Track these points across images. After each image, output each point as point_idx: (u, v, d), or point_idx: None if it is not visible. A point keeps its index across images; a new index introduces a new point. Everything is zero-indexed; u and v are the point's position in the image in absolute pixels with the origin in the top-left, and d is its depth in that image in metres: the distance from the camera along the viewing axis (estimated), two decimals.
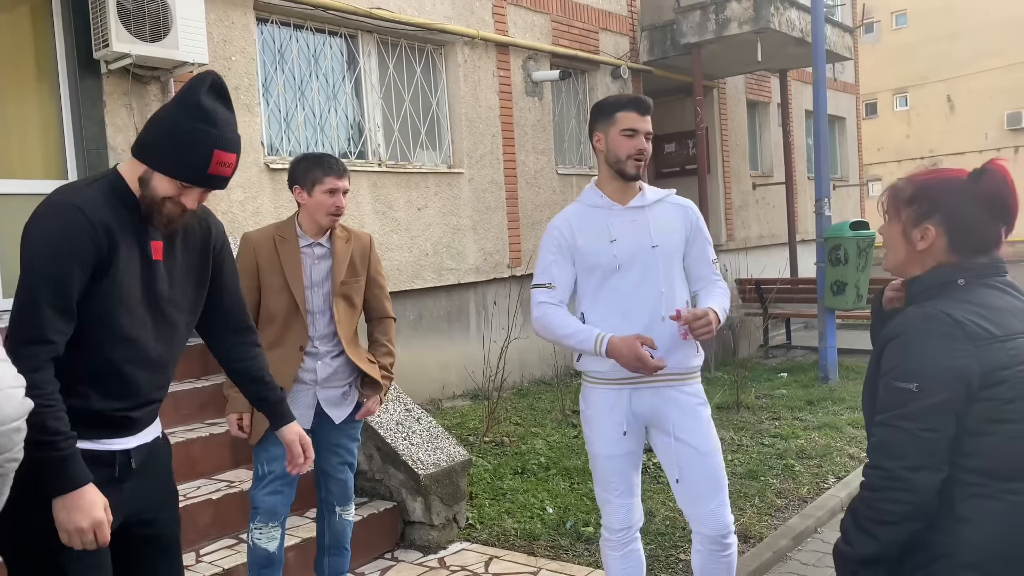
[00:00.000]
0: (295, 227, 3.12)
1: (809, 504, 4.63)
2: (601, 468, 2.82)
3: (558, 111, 9.24)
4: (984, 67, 24.74)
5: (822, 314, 7.96)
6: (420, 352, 7.42)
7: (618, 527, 2.84)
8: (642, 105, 2.75)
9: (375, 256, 3.28)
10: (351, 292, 3.15)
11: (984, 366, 1.58)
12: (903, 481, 1.59)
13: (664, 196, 2.86)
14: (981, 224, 1.70)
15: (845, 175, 16.22)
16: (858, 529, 1.66)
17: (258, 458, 3.04)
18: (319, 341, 3.09)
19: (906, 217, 1.76)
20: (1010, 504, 1.59)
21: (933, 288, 1.71)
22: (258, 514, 3.00)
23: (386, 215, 7.08)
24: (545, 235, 2.84)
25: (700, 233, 2.84)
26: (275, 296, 3.03)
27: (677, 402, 2.72)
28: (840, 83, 15.51)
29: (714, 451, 2.73)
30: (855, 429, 6.01)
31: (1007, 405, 1.59)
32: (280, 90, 6.56)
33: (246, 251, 3.07)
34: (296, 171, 3.10)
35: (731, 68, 11.31)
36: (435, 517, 3.94)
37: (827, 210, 7.86)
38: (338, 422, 3.15)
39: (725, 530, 2.73)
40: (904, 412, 1.60)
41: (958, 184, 1.72)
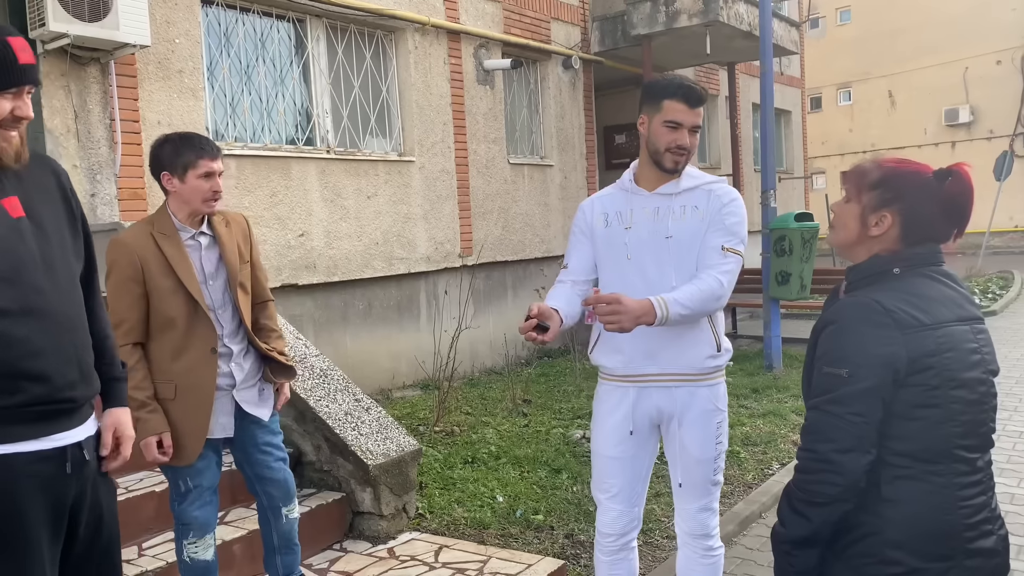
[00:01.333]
0: (171, 219, 2.83)
1: (754, 490, 4.72)
2: (596, 465, 2.74)
3: (510, 100, 9.22)
4: (924, 64, 25.41)
5: (767, 304, 8.11)
6: (370, 342, 7.37)
7: (607, 531, 2.74)
8: (692, 96, 2.52)
9: (254, 237, 3.09)
10: (244, 279, 2.95)
11: (911, 353, 1.63)
12: (832, 463, 1.64)
13: (702, 183, 2.61)
14: (936, 223, 1.74)
15: (790, 168, 16.54)
16: (792, 511, 1.71)
17: (178, 474, 2.83)
18: (228, 339, 2.89)
19: (867, 200, 1.77)
20: (933, 485, 1.65)
21: (870, 276, 1.75)
22: (191, 530, 2.83)
23: (335, 203, 6.99)
24: (575, 216, 2.78)
25: (718, 216, 2.55)
26: (169, 299, 2.75)
27: (687, 406, 2.59)
28: (786, 77, 15.79)
29: (711, 459, 2.62)
30: (799, 416, 6.15)
31: (933, 391, 1.64)
32: (226, 74, 6.41)
33: (124, 256, 2.74)
34: (162, 155, 2.79)
35: (680, 60, 11.42)
36: (384, 507, 3.92)
37: (773, 202, 8.00)
38: (267, 419, 3.00)
39: (702, 532, 2.68)
40: (834, 397, 1.66)
41: (924, 180, 1.74)
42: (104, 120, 5.50)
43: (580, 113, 10.13)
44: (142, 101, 5.68)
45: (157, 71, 5.77)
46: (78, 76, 5.36)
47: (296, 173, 6.67)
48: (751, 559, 3.97)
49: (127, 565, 3.21)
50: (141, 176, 5.66)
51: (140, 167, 5.66)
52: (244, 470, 3.07)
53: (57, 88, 5.26)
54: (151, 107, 5.73)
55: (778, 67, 14.79)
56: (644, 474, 2.73)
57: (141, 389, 2.72)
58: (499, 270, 8.93)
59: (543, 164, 9.54)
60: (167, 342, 2.78)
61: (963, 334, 1.69)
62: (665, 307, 2.38)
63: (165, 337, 2.78)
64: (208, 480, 2.87)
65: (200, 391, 2.80)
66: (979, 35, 24.39)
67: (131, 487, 3.62)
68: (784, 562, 1.74)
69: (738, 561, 3.94)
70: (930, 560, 1.63)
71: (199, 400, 2.80)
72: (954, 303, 1.72)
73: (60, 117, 5.28)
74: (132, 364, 2.71)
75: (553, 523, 4.18)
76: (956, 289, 1.75)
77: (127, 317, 2.73)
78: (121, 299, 2.74)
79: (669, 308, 2.38)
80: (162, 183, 2.82)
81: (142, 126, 5.67)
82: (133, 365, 2.71)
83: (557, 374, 8.01)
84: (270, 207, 6.42)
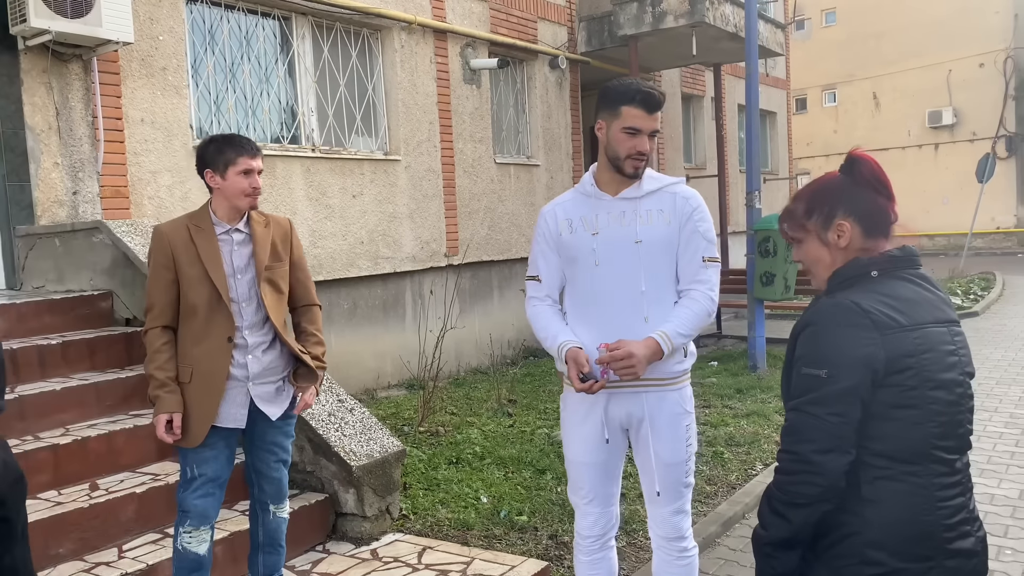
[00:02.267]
0: (210, 215, 2.97)
1: (737, 491, 4.74)
2: (572, 473, 2.76)
3: (496, 100, 9.21)
4: (908, 66, 25.60)
5: (751, 304, 8.14)
6: (355, 342, 7.34)
7: (587, 533, 2.77)
8: (651, 102, 2.52)
9: (297, 240, 3.17)
10: (276, 277, 3.03)
11: (889, 353, 1.64)
12: (813, 464, 1.65)
13: (665, 184, 2.63)
14: (876, 202, 1.78)
15: (775, 169, 16.63)
16: (772, 513, 1.72)
17: (187, 460, 2.90)
18: (247, 331, 2.96)
19: (814, 227, 1.82)
20: (911, 485, 1.66)
21: (848, 279, 1.76)
22: (188, 517, 2.87)
23: (320, 202, 6.96)
24: (536, 224, 2.74)
25: (691, 224, 2.58)
26: (195, 287, 2.88)
27: (656, 410, 2.60)
28: (772, 78, 15.86)
29: (681, 463, 2.63)
30: (782, 417, 6.15)
31: (910, 391, 1.65)
32: (210, 72, 6.37)
33: (160, 244, 2.91)
34: (206, 154, 2.93)
35: (667, 61, 11.44)
36: (368, 508, 3.91)
37: (757, 203, 8.03)
38: (275, 419, 3.04)
39: (675, 534, 2.69)
40: (813, 398, 1.67)
41: (840, 181, 1.81)
42: (86, 117, 5.45)
43: (567, 113, 10.14)
44: (125, 98, 5.63)
45: (140, 68, 5.72)
46: (60, 73, 5.30)
47: (281, 172, 6.64)
48: (734, 560, 3.98)
49: (107, 568, 3.20)
50: (124, 174, 5.61)
51: (123, 165, 5.61)
52: (247, 459, 3.15)
53: (38, 85, 5.21)
54: (134, 104, 5.69)
55: (764, 68, 14.86)
56: (616, 475, 2.77)
57: (163, 370, 2.86)
58: (485, 270, 8.92)
59: (529, 164, 9.54)
60: (190, 328, 2.91)
61: (940, 335, 1.71)
62: (669, 341, 2.49)
63: (189, 323, 2.91)
64: (213, 470, 2.90)
65: (213, 377, 2.89)
66: (963, 38, 24.60)
67: (111, 488, 3.59)
68: (765, 564, 1.74)
69: (721, 562, 3.96)
70: (910, 560, 1.64)
71: (211, 386, 2.89)
72: (932, 305, 1.73)
73: (41, 114, 5.23)
74: (158, 346, 2.88)
75: (537, 524, 4.18)
76: (933, 292, 1.77)
77: (157, 301, 2.90)
78: (155, 283, 2.91)
79: (672, 341, 2.49)
80: (206, 180, 2.95)
81: (125, 124, 5.63)
82: (159, 347, 2.87)
83: (543, 374, 8.01)
84: None
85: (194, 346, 2.90)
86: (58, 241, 5.01)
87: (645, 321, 2.55)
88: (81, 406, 4.01)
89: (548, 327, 2.64)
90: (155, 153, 5.80)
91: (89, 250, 4.84)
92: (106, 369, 4.35)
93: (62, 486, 3.59)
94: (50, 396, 3.91)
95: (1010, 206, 24.87)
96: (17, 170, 5.18)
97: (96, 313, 4.69)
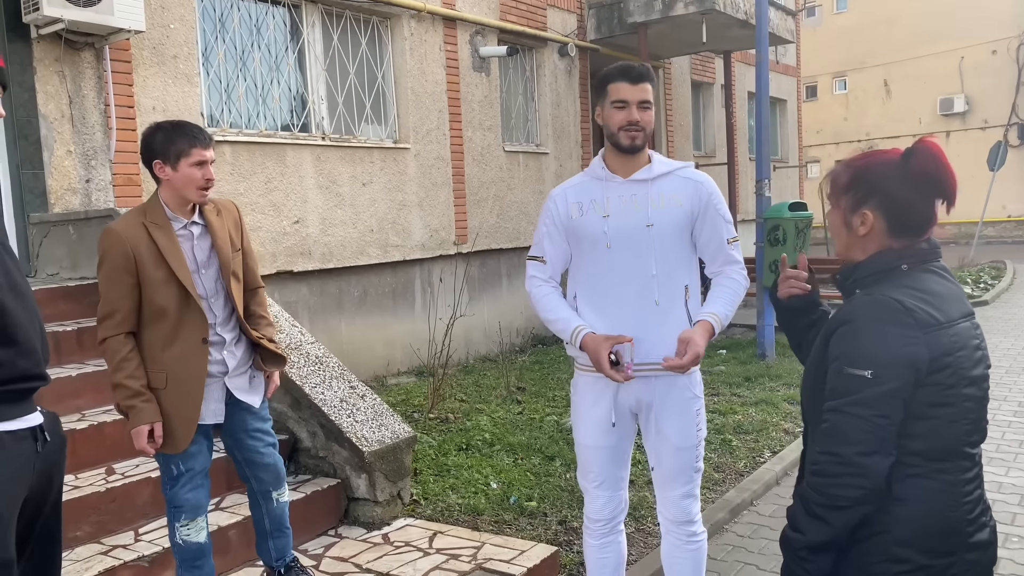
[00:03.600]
0: (163, 209, 2.81)
1: (745, 478, 4.76)
2: (582, 457, 2.78)
3: (505, 88, 9.20)
4: (919, 53, 25.40)
5: (760, 293, 8.14)
6: (365, 329, 7.38)
7: (596, 517, 2.81)
8: (631, 73, 2.55)
9: (245, 225, 3.09)
10: (236, 267, 2.96)
11: (932, 352, 1.61)
12: (857, 467, 1.61)
13: (674, 168, 2.65)
14: (916, 204, 1.71)
15: (785, 156, 16.56)
16: (810, 516, 1.67)
17: (169, 459, 2.82)
18: (220, 327, 2.89)
19: (845, 205, 1.78)
20: (941, 483, 1.65)
21: (877, 274, 1.73)
22: (183, 512, 2.83)
23: (330, 190, 6.99)
24: (544, 205, 2.75)
25: (712, 210, 2.61)
26: (161, 290, 2.74)
27: (666, 395, 2.62)
28: (782, 66, 15.78)
29: (692, 446, 2.65)
30: (791, 405, 6.19)
31: (948, 390, 1.63)
32: (221, 60, 6.39)
33: (117, 246, 2.72)
34: (154, 143, 2.76)
35: (677, 48, 11.40)
36: (379, 493, 3.95)
37: (767, 191, 8.02)
38: (257, 405, 3.02)
39: (684, 518, 2.71)
40: (858, 399, 1.62)
41: (891, 166, 1.73)
42: (99, 106, 5.48)
43: (576, 101, 10.12)
44: (137, 87, 5.66)
45: (152, 56, 5.74)
46: (72, 61, 5.33)
47: (291, 160, 6.67)
48: (742, 546, 4.01)
49: (124, 550, 3.25)
50: (136, 162, 5.65)
51: (135, 153, 5.64)
52: (234, 455, 3.09)
53: (51, 73, 5.24)
54: (146, 93, 5.72)
55: (774, 56, 14.78)
56: (626, 459, 2.80)
57: (135, 378, 2.73)
58: (494, 258, 8.94)
59: (538, 152, 9.54)
60: (158, 332, 2.78)
61: (968, 331, 1.69)
62: (720, 321, 2.58)
63: (156, 327, 2.78)
64: (199, 464, 2.88)
65: (190, 380, 2.81)
66: (975, 25, 24.37)
67: (127, 473, 3.64)
68: (798, 568, 1.69)
69: (729, 548, 3.99)
70: (936, 557, 1.64)
71: (189, 389, 2.80)
72: (957, 299, 1.71)
73: (54, 102, 5.27)
74: (125, 354, 2.72)
75: (546, 510, 4.22)
76: (955, 283, 1.75)
77: (119, 307, 2.73)
78: (113, 289, 2.74)
79: (723, 321, 2.59)
80: (154, 171, 2.80)
81: (137, 112, 5.66)
82: (126, 355, 2.72)
83: (551, 362, 8.04)
84: (265, 194, 6.42)
85: (164, 350, 2.78)
86: (72, 229, 5.06)
87: (656, 304, 2.56)
88: (96, 392, 4.06)
89: (557, 310, 2.66)
90: None
91: None
92: None
93: (79, 470, 3.64)
94: (66, 382, 3.95)
95: (1021, 194, 24.70)
96: (31, 158, 5.22)
97: None
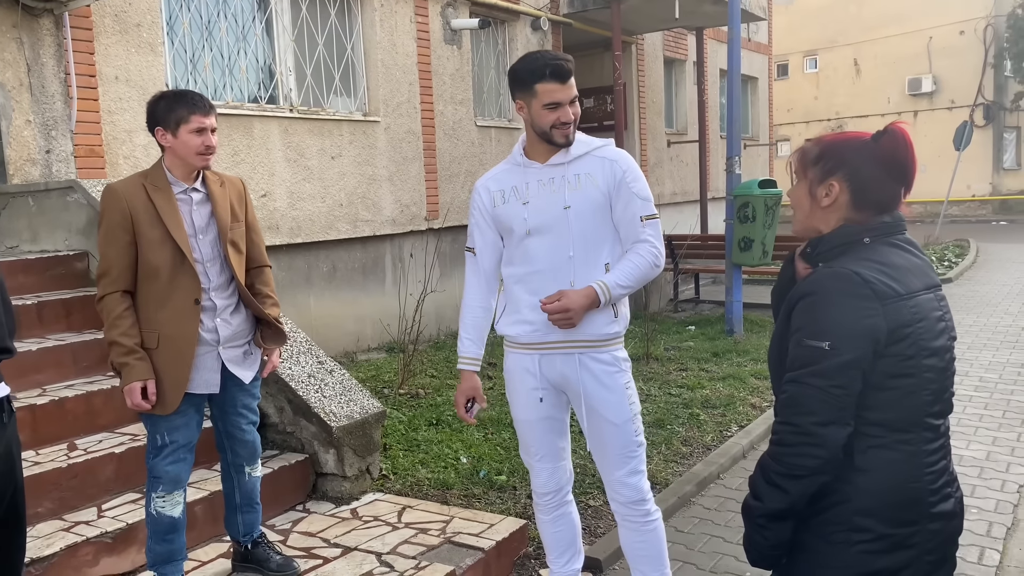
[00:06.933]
0: (164, 174, 2.88)
1: (713, 451, 4.82)
2: (520, 432, 2.83)
3: (477, 61, 9.11)
4: (888, 33, 25.57)
5: (729, 269, 8.20)
6: (334, 305, 7.33)
7: (543, 490, 2.85)
8: (562, 72, 2.52)
9: (250, 200, 3.13)
10: (236, 238, 2.98)
11: (890, 324, 1.64)
12: (813, 436, 1.63)
13: (592, 148, 2.64)
14: (881, 182, 1.75)
15: (756, 135, 16.63)
16: (768, 484, 1.69)
17: (156, 427, 2.83)
18: (214, 293, 2.91)
19: (812, 176, 1.80)
20: (903, 453, 1.67)
21: (840, 246, 1.75)
22: (160, 483, 2.83)
23: (298, 163, 6.89)
24: (471, 196, 2.80)
25: (625, 188, 2.59)
26: (156, 249, 2.78)
27: (590, 370, 2.63)
28: (754, 43, 15.80)
29: (627, 421, 2.64)
30: (758, 380, 6.26)
31: (907, 361, 1.65)
32: (186, 29, 6.25)
33: (115, 203, 2.78)
34: (156, 111, 2.84)
35: (650, 24, 11.36)
36: (348, 469, 3.94)
37: (737, 168, 8.05)
38: (248, 381, 3.04)
39: (636, 496, 2.69)
40: (815, 370, 1.64)
41: (861, 144, 1.77)
42: (59, 74, 5.34)
43: None
44: (98, 55, 5.51)
45: (114, 24, 5.60)
46: (30, 28, 5.18)
47: (258, 132, 6.56)
48: (709, 519, 4.06)
49: (86, 526, 3.20)
50: (98, 133, 5.52)
51: (97, 123, 5.51)
52: (216, 425, 3.11)
53: (9, 40, 5.08)
54: (108, 61, 5.57)
55: (746, 33, 14.80)
56: (563, 430, 2.83)
57: (129, 336, 2.75)
58: (465, 234, 8.88)
59: (511, 127, 9.48)
60: (152, 291, 2.80)
61: (930, 302, 1.71)
62: (607, 290, 2.55)
63: (150, 286, 2.80)
64: (185, 437, 2.88)
65: (181, 341, 2.82)
66: (944, 5, 24.60)
67: (89, 448, 3.59)
68: (758, 535, 1.73)
69: (696, 520, 4.04)
70: (897, 526, 1.66)
71: (180, 350, 2.82)
72: (920, 271, 1.74)
73: (12, 70, 5.12)
74: (120, 312, 2.76)
75: (516, 483, 4.24)
76: (920, 257, 1.77)
77: (115, 264, 2.77)
78: (111, 246, 2.78)
79: (611, 292, 2.55)
80: (156, 138, 2.86)
81: (98, 81, 5.52)
82: (121, 313, 2.76)
83: None
84: (232, 167, 6.31)
85: (158, 310, 2.80)
86: (32, 200, 4.94)
87: (571, 286, 2.58)
88: (58, 367, 3.99)
89: (464, 328, 2.85)
90: (130, 112, 5.70)
91: (64, 210, 4.77)
92: (82, 330, 4.32)
93: (40, 446, 3.58)
94: (26, 357, 3.87)
95: (986, 174, 25.13)
96: None
97: (71, 273, 4.63)
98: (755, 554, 1.77)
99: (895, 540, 1.67)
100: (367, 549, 3.39)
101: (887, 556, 1.67)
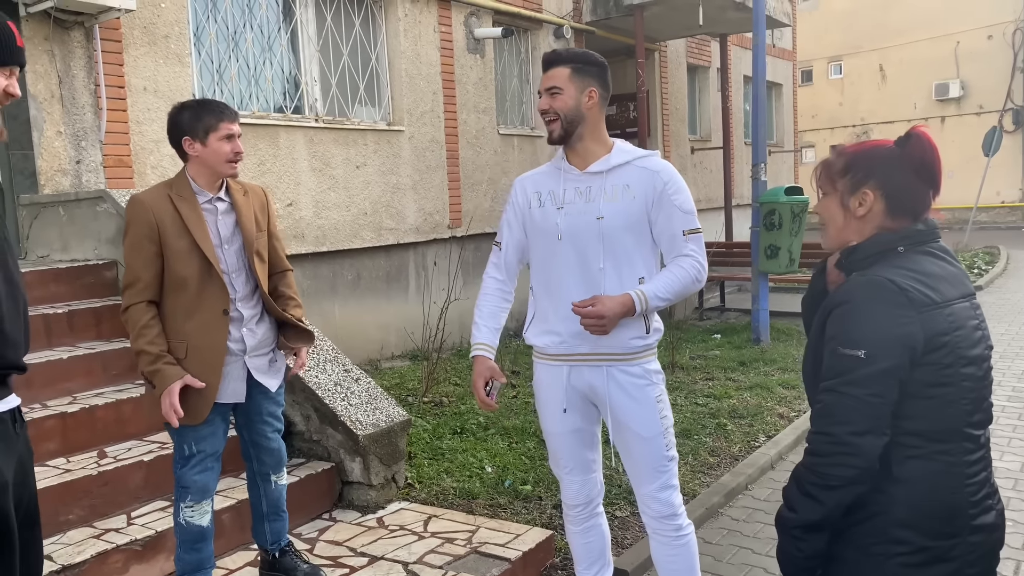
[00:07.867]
0: (189, 184, 2.87)
1: (740, 462, 4.76)
2: (549, 444, 2.80)
3: (500, 70, 9.13)
4: (915, 38, 25.31)
5: (755, 277, 8.13)
6: (359, 312, 7.35)
7: (573, 503, 2.82)
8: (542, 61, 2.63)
9: (273, 210, 3.15)
10: (260, 247, 2.99)
11: (927, 332, 1.61)
12: (849, 446, 1.61)
13: (634, 158, 2.59)
14: (913, 188, 1.73)
15: (781, 141, 16.52)
16: (803, 495, 1.67)
17: (184, 437, 2.84)
18: (241, 303, 2.92)
19: (842, 187, 1.78)
20: (941, 464, 1.64)
21: (874, 255, 1.72)
22: (189, 493, 2.84)
23: (323, 172, 6.93)
24: (511, 191, 2.77)
25: (666, 201, 2.52)
26: (183, 260, 2.79)
27: (618, 382, 2.59)
28: (778, 49, 15.71)
29: (657, 435, 2.60)
30: (785, 389, 6.19)
31: (945, 369, 1.63)
32: (213, 40, 6.31)
33: (141, 214, 2.77)
34: (181, 121, 2.82)
35: (673, 31, 11.32)
36: (374, 477, 3.93)
37: (763, 175, 7.99)
38: (274, 389, 3.05)
39: (667, 511, 2.64)
40: (851, 378, 1.62)
41: (887, 151, 1.75)
42: (89, 86, 5.41)
43: None
44: (127, 67, 5.59)
45: (143, 36, 5.67)
46: (62, 40, 5.26)
47: (284, 142, 6.60)
48: (737, 530, 4.01)
49: (116, 534, 3.23)
50: (127, 143, 5.59)
51: (126, 134, 5.58)
52: (242, 434, 3.12)
53: (41, 53, 5.16)
54: (137, 73, 5.64)
55: (770, 39, 14.72)
56: (593, 442, 2.78)
57: (156, 344, 2.76)
58: (488, 242, 8.89)
59: (533, 135, 9.48)
60: (179, 302, 2.81)
61: (966, 311, 1.69)
62: (644, 300, 2.47)
63: (178, 297, 2.81)
64: (211, 446, 2.89)
65: (210, 352, 2.83)
66: (971, 9, 24.28)
67: (119, 456, 3.61)
68: (792, 547, 1.70)
69: (724, 532, 3.99)
70: (937, 538, 1.63)
71: (209, 361, 2.83)
72: (956, 279, 1.71)
73: (44, 82, 5.19)
74: (146, 321, 2.76)
75: (541, 493, 4.21)
76: (955, 265, 1.75)
77: (142, 275, 2.78)
78: (137, 257, 2.78)
79: (649, 302, 2.48)
80: (183, 148, 2.85)
81: (127, 92, 5.59)
82: (147, 322, 2.76)
83: None
84: (258, 176, 6.36)
85: (186, 321, 2.81)
86: (62, 210, 5.00)
87: None
88: (88, 375, 4.03)
89: (480, 315, 2.76)
90: (158, 122, 5.76)
91: (93, 219, 4.83)
92: (112, 338, 4.36)
93: (71, 454, 3.61)
94: (57, 365, 3.92)
95: (1016, 180, 24.74)
96: (20, 139, 5.15)
97: (101, 282, 4.69)
98: (790, 566, 1.75)
99: (935, 553, 1.64)
100: (394, 558, 3.38)
101: (927, 569, 1.64)
